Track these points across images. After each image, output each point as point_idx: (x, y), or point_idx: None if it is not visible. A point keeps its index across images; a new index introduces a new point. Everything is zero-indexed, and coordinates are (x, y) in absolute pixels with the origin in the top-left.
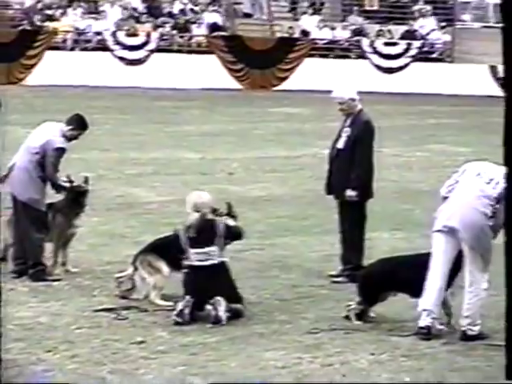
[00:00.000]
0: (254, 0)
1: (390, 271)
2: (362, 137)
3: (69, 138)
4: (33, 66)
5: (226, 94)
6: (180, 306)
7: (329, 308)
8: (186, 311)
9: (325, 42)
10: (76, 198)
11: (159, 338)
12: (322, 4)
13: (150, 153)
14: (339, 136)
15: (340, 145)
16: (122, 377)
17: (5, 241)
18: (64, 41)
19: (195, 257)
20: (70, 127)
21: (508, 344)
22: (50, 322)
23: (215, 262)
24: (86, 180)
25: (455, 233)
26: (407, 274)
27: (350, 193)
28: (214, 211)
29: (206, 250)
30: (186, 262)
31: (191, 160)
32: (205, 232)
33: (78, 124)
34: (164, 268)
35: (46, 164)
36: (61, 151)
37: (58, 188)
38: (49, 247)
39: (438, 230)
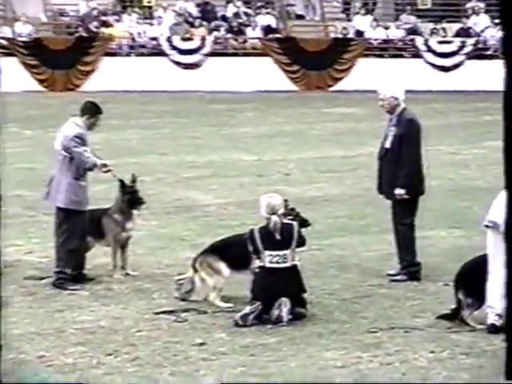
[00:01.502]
0: (307, 1)
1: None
2: (407, 135)
3: (89, 127)
4: (90, 72)
5: (280, 95)
6: (247, 309)
7: (388, 307)
8: (251, 316)
9: (379, 41)
10: (127, 201)
11: (219, 339)
12: (375, 4)
13: (207, 156)
14: (386, 135)
15: (387, 144)
16: (182, 378)
17: None
18: (120, 47)
19: (269, 259)
20: (86, 116)
21: (508, 344)
22: (110, 325)
23: (288, 265)
24: (134, 179)
25: (499, 227)
26: None
27: (398, 191)
28: (287, 214)
29: (281, 252)
30: (257, 264)
31: (247, 162)
32: (282, 235)
33: (92, 110)
34: (224, 269)
35: (74, 157)
36: (77, 138)
37: (91, 168)
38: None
39: (485, 225)
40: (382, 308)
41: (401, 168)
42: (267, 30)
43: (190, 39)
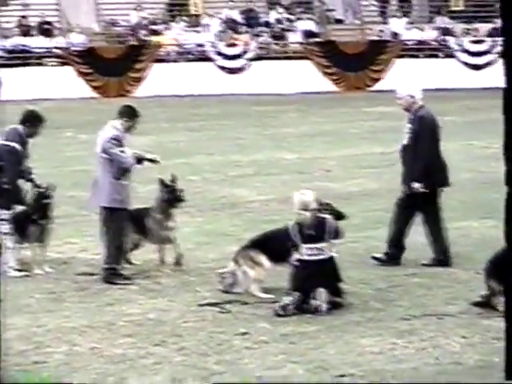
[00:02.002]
0: (347, 6)
1: None
2: (420, 131)
3: (127, 129)
4: (141, 78)
5: (321, 96)
6: (286, 300)
7: (421, 295)
8: (291, 307)
9: (414, 42)
10: (167, 200)
11: (261, 328)
12: (410, 6)
13: (251, 155)
14: (405, 132)
15: (405, 140)
16: (227, 367)
17: None
18: (168, 53)
19: (307, 252)
20: (125, 119)
21: (508, 344)
22: (158, 317)
23: (325, 257)
24: (174, 179)
25: None
26: None
27: (415, 185)
28: (321, 209)
29: (318, 245)
30: (296, 257)
31: (289, 160)
32: (317, 229)
33: (129, 114)
34: (265, 262)
35: (113, 159)
36: (114, 140)
37: (130, 168)
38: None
39: None
40: (416, 296)
41: (415, 163)
42: (308, 34)
43: (234, 45)
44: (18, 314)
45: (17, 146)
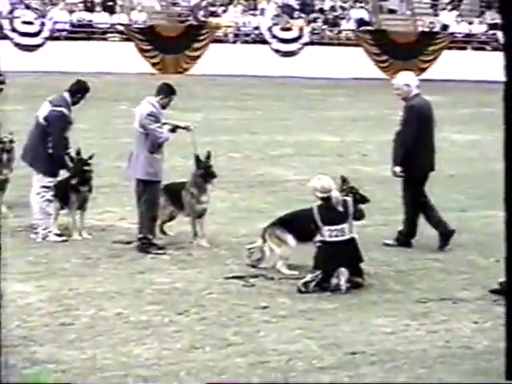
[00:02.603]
0: None
1: None
2: (406, 119)
3: (163, 106)
4: (197, 57)
5: (370, 82)
6: (308, 277)
7: (440, 279)
8: (312, 284)
9: (462, 35)
10: (201, 175)
11: (281, 303)
12: (461, 0)
13: (294, 136)
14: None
15: (397, 127)
16: (243, 338)
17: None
18: (226, 35)
19: (328, 233)
20: (161, 96)
21: (508, 344)
22: (184, 287)
23: (346, 238)
24: (209, 155)
25: None
26: None
27: (394, 168)
28: (345, 190)
29: (339, 227)
30: (318, 238)
31: (331, 143)
32: (338, 211)
33: (166, 91)
34: (290, 240)
35: (148, 134)
36: (151, 116)
37: (166, 141)
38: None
39: None
40: (435, 280)
41: (399, 148)
42: (360, 22)
43: (289, 29)
44: (52, 277)
45: (65, 111)
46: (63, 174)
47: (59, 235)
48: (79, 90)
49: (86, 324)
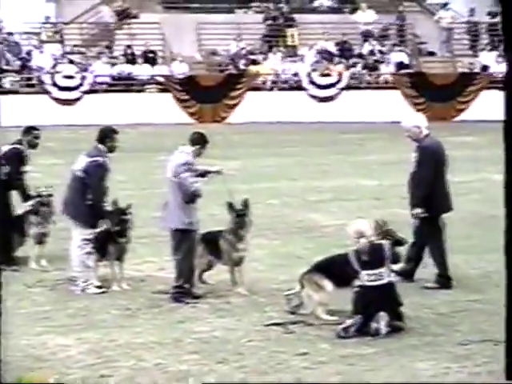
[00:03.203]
0: (445, 38)
1: None
2: (421, 160)
3: (197, 155)
4: (235, 105)
5: None
6: (348, 322)
7: (482, 321)
8: (352, 329)
9: (503, 75)
10: (236, 224)
11: (322, 349)
12: (500, 41)
13: (332, 181)
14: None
15: (411, 169)
16: None
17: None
18: (263, 82)
19: (366, 278)
20: (198, 146)
21: (508, 344)
22: (224, 335)
23: (384, 282)
24: (246, 203)
25: None
26: None
27: (414, 211)
28: (382, 234)
29: (377, 271)
30: (356, 283)
31: (368, 187)
32: (375, 255)
33: (199, 140)
34: (328, 286)
35: (184, 184)
36: (185, 165)
37: (196, 193)
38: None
39: None
40: (477, 322)
41: (416, 190)
42: (400, 65)
43: (328, 75)
44: (91, 329)
45: (102, 160)
46: (101, 226)
47: (99, 287)
48: (106, 136)
49: (125, 375)
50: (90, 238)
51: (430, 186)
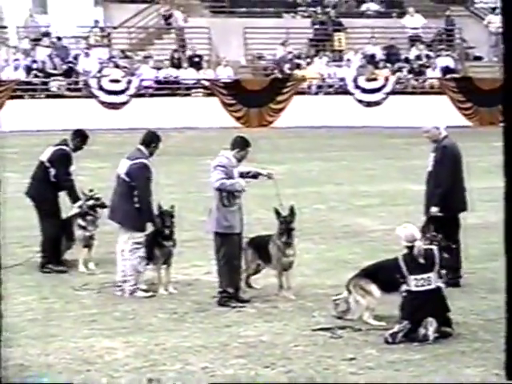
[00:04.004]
0: (494, 42)
1: None
2: (441, 160)
3: (239, 159)
4: (281, 110)
5: (454, 130)
6: (396, 328)
7: None
8: (400, 334)
9: None
10: (285, 229)
11: (368, 355)
12: None
13: (379, 186)
14: (429, 160)
15: (429, 168)
16: None
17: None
18: (309, 87)
19: (414, 283)
20: (237, 150)
21: (508, 344)
22: (271, 340)
23: (433, 287)
24: (292, 210)
25: None
26: None
27: (433, 209)
28: (431, 239)
29: (425, 276)
30: (404, 288)
31: (416, 192)
32: (425, 259)
33: (241, 144)
34: (375, 291)
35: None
36: (220, 167)
37: (239, 190)
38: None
39: None
40: None
41: (435, 189)
42: (446, 70)
43: (374, 79)
44: (138, 333)
45: (146, 161)
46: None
47: (146, 291)
48: (152, 140)
49: (172, 379)
50: (141, 241)
51: (449, 185)
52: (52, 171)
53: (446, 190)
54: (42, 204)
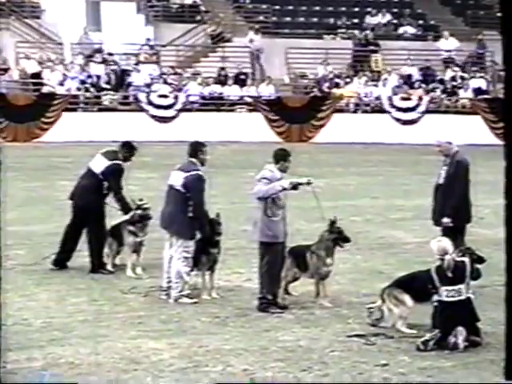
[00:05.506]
0: None
1: None
2: (456, 173)
3: (283, 170)
4: (321, 126)
5: (486, 149)
6: (427, 336)
7: None
8: (431, 342)
9: None
10: (334, 239)
11: (401, 361)
12: None
13: (414, 200)
14: (440, 174)
15: (440, 180)
16: None
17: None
18: (347, 105)
19: (446, 293)
20: (280, 162)
21: (508, 344)
22: (308, 345)
23: (463, 298)
24: (334, 221)
25: None
26: None
27: (445, 220)
28: (462, 252)
29: (456, 287)
30: (436, 298)
31: None
32: (456, 272)
33: (283, 156)
34: (408, 300)
35: (262, 197)
36: (263, 178)
37: (280, 191)
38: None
39: None
40: None
41: (448, 200)
42: (478, 91)
43: (408, 99)
44: (183, 335)
45: (200, 173)
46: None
47: (190, 297)
48: (197, 149)
49: (214, 380)
50: (191, 250)
51: (461, 198)
52: (105, 184)
53: (459, 201)
54: (91, 213)
